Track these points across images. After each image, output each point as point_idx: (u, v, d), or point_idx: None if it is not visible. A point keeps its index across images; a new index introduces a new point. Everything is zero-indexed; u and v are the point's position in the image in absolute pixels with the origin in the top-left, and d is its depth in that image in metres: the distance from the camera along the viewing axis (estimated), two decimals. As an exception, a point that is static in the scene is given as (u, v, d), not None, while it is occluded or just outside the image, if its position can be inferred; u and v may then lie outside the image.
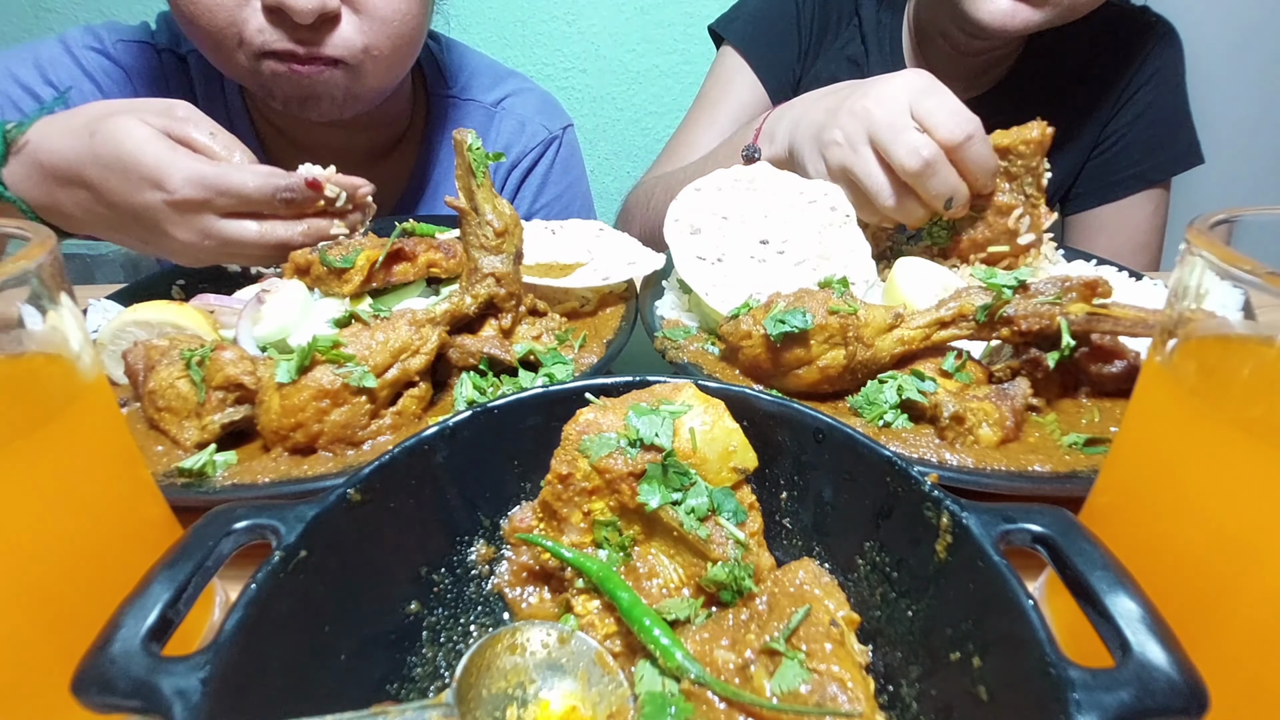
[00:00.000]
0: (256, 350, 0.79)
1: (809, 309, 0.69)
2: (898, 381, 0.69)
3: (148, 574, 0.38)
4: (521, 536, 0.51)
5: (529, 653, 0.46)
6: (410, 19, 1.09)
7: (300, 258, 0.89)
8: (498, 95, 1.46)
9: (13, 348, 0.41)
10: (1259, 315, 0.39)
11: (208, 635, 0.51)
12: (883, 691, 0.44)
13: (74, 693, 0.33)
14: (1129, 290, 0.97)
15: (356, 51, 1.06)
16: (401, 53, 1.13)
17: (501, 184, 1.46)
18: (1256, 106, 2.30)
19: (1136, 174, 1.51)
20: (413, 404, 0.69)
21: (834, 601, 0.45)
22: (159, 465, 0.65)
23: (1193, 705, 0.32)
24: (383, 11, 1.06)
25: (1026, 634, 0.36)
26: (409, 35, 1.11)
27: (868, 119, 0.89)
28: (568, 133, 1.50)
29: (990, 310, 0.69)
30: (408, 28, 1.10)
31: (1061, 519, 0.41)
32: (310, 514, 0.43)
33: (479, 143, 0.72)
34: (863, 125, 0.90)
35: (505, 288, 0.76)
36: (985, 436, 0.65)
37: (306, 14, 0.98)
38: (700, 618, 0.47)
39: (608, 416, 0.48)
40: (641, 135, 2.61)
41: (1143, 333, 0.68)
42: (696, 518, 0.46)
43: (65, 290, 0.43)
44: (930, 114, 0.87)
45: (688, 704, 0.42)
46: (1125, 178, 1.52)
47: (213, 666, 0.34)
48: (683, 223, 0.91)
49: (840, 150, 0.93)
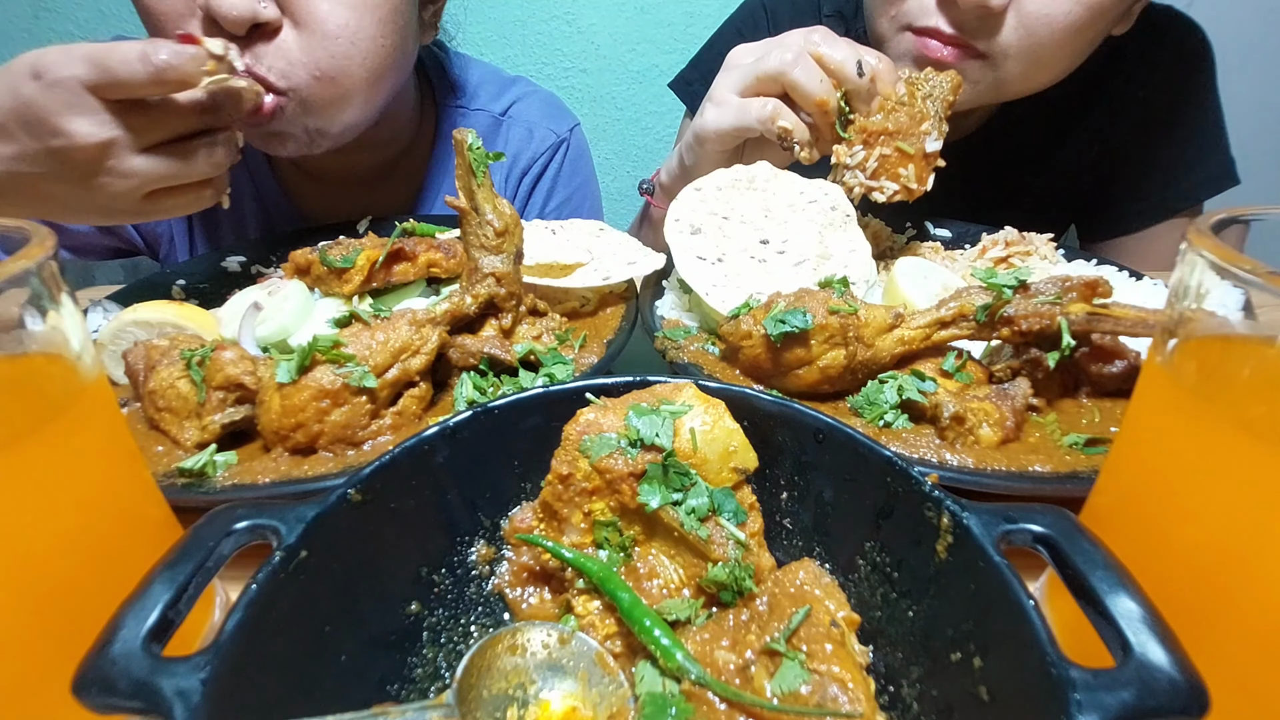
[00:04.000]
0: (257, 350, 0.79)
1: (809, 309, 0.69)
2: (898, 382, 0.69)
3: (148, 574, 0.38)
4: (522, 537, 0.51)
5: (529, 653, 0.46)
6: (362, 39, 0.99)
7: (300, 258, 0.89)
8: (505, 103, 1.44)
9: (13, 348, 0.41)
10: (1259, 315, 0.39)
11: (208, 636, 0.51)
12: (883, 692, 0.44)
13: (75, 693, 0.33)
14: (1129, 290, 0.97)
15: (299, 73, 0.95)
16: (367, 81, 1.02)
17: (513, 192, 1.44)
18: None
19: (1161, 201, 1.34)
20: (413, 404, 0.69)
21: (834, 602, 0.45)
22: (159, 465, 0.65)
23: (1193, 705, 0.32)
24: (327, 26, 0.95)
25: (1027, 634, 0.36)
26: (367, 59, 1.00)
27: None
28: (574, 133, 1.49)
29: (990, 310, 0.69)
30: (358, 50, 0.99)
31: (1062, 519, 0.41)
32: (310, 514, 0.43)
33: (479, 142, 0.72)
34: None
35: (505, 288, 0.76)
36: (985, 437, 0.65)
37: (236, 21, 0.89)
38: (700, 618, 0.47)
39: (608, 417, 0.48)
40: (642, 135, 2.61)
41: (1143, 333, 0.68)
42: (697, 518, 0.46)
43: (65, 290, 0.43)
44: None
45: (688, 705, 0.42)
46: (1149, 206, 1.36)
47: (213, 667, 0.34)
48: (683, 223, 0.91)
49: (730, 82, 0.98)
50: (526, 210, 1.45)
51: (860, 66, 0.92)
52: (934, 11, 1.04)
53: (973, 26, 1.03)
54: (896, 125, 0.94)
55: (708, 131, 1.00)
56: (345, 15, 0.96)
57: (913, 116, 0.95)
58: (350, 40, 0.98)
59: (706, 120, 1.00)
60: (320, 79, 0.97)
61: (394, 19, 1.03)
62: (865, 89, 0.93)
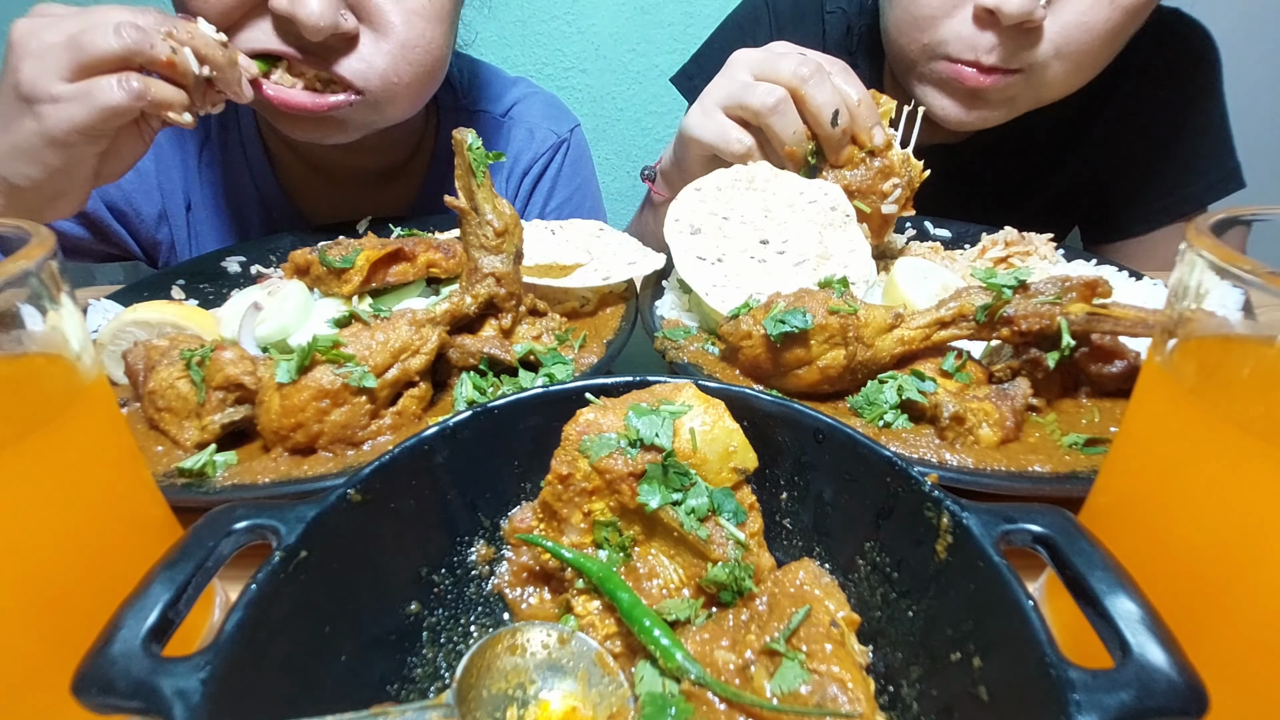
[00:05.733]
0: (256, 350, 0.79)
1: (809, 309, 0.69)
2: (898, 382, 0.69)
3: (148, 574, 0.38)
4: (521, 537, 0.51)
5: (529, 653, 0.46)
6: (434, 47, 1.04)
7: (300, 258, 0.89)
8: (506, 105, 1.44)
9: (13, 348, 0.41)
10: (1259, 315, 0.39)
11: (208, 636, 0.51)
12: (883, 692, 0.44)
13: (74, 693, 0.33)
14: (1129, 290, 0.97)
15: (375, 78, 1.00)
16: (423, 83, 1.07)
17: (513, 193, 1.44)
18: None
19: (1165, 206, 1.35)
20: (413, 404, 0.69)
21: (834, 602, 0.45)
22: (159, 465, 0.65)
23: (1192, 706, 0.32)
24: (404, 35, 1.00)
25: (1026, 634, 0.36)
26: (430, 65, 1.06)
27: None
28: (575, 134, 1.49)
29: (990, 310, 0.69)
30: (430, 56, 1.04)
31: (1061, 519, 0.41)
32: (310, 514, 0.43)
33: (479, 142, 0.72)
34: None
35: (505, 288, 0.76)
36: (985, 437, 0.65)
37: (318, 30, 0.91)
38: (700, 618, 0.47)
39: (608, 417, 0.48)
40: (642, 135, 2.61)
41: (1143, 333, 0.68)
42: (696, 518, 0.46)
43: (65, 290, 0.43)
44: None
45: (688, 705, 0.42)
46: (1153, 210, 1.36)
47: (213, 667, 0.34)
48: (683, 223, 0.91)
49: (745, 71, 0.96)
50: (527, 210, 1.45)
51: (836, 117, 0.92)
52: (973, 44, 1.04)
53: (1011, 47, 1.02)
54: (859, 184, 0.95)
55: (690, 136, 1.01)
56: (421, 26, 1.01)
57: (881, 170, 0.96)
58: (425, 49, 1.03)
59: (691, 126, 1.01)
60: (396, 83, 1.03)
61: (453, 25, 1.10)
62: (836, 139, 0.94)
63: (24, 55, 0.79)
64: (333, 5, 0.92)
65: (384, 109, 1.06)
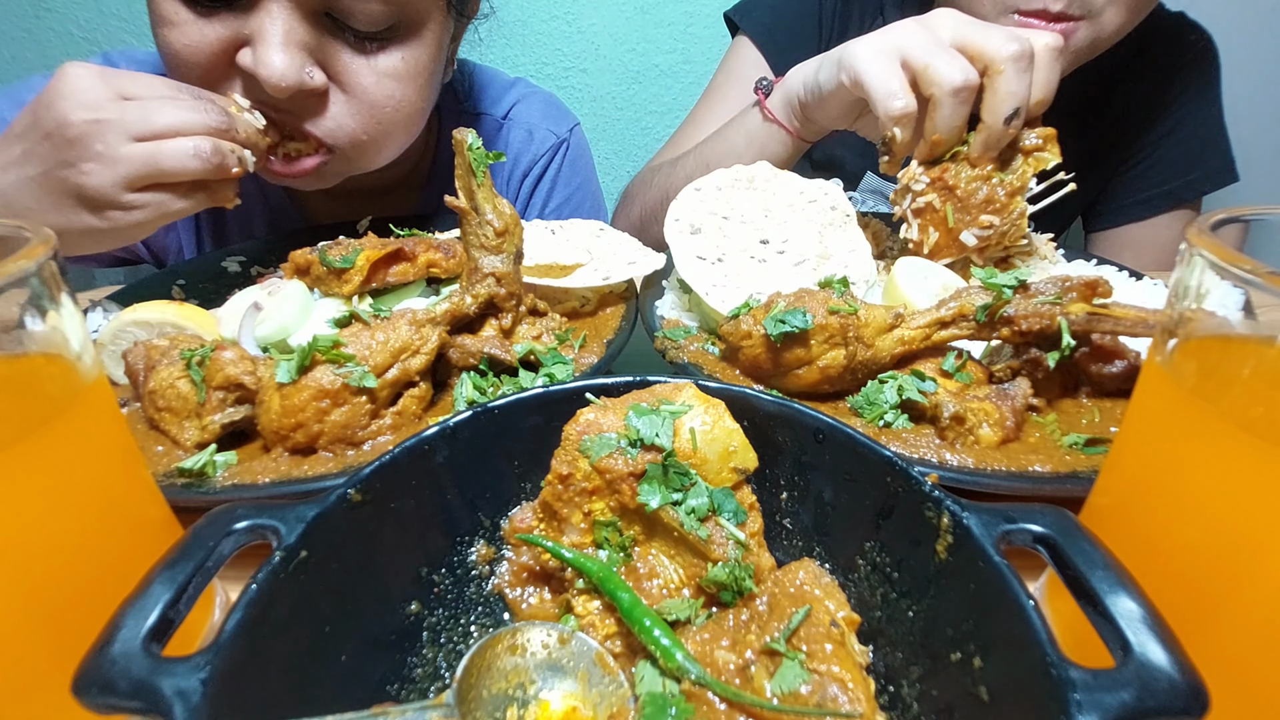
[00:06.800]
0: (257, 350, 0.79)
1: (809, 309, 0.69)
2: (898, 381, 0.69)
3: (148, 574, 0.38)
4: (521, 537, 0.51)
5: (529, 653, 0.46)
6: (406, 106, 1.02)
7: (300, 258, 0.89)
8: (505, 106, 1.44)
9: (13, 348, 0.41)
10: (1259, 315, 0.39)
11: (208, 636, 0.51)
12: (883, 692, 0.44)
13: (74, 693, 0.33)
14: (1129, 290, 0.97)
15: (344, 137, 0.99)
16: (397, 140, 1.06)
17: (513, 193, 1.44)
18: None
19: (1166, 192, 1.44)
20: (413, 404, 0.69)
21: (834, 602, 0.45)
22: (159, 465, 0.65)
23: (1193, 706, 0.32)
24: (374, 96, 0.98)
25: (1027, 634, 0.36)
26: (403, 123, 1.04)
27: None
28: (574, 133, 1.49)
29: (990, 310, 0.69)
30: (402, 115, 1.02)
31: (1062, 519, 0.41)
32: (310, 514, 0.43)
33: (479, 142, 0.72)
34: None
35: (505, 288, 0.76)
36: (985, 437, 0.65)
37: (281, 90, 0.89)
38: (700, 618, 0.47)
39: (608, 416, 0.48)
40: (642, 135, 2.61)
41: (1143, 333, 0.68)
42: (696, 518, 0.46)
43: (65, 290, 0.43)
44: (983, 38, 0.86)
45: (688, 705, 0.42)
46: (1154, 195, 1.45)
47: (213, 667, 0.34)
48: (683, 223, 0.91)
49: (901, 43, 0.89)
50: (527, 210, 1.45)
51: (1014, 115, 0.86)
52: None
53: None
54: (967, 191, 0.91)
55: (856, 70, 0.91)
56: (391, 87, 0.99)
57: (986, 198, 0.91)
58: (395, 109, 1.01)
59: (861, 59, 0.90)
60: (365, 141, 1.01)
61: (431, 82, 1.07)
62: (997, 136, 0.88)
63: (86, 155, 0.79)
64: (296, 64, 0.90)
65: (356, 163, 1.05)
